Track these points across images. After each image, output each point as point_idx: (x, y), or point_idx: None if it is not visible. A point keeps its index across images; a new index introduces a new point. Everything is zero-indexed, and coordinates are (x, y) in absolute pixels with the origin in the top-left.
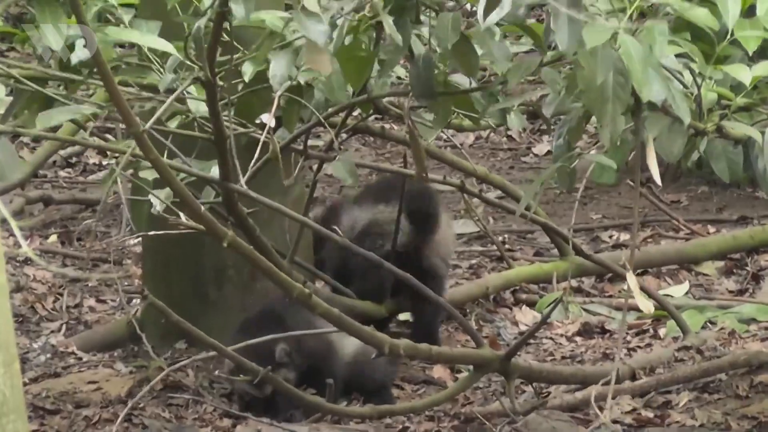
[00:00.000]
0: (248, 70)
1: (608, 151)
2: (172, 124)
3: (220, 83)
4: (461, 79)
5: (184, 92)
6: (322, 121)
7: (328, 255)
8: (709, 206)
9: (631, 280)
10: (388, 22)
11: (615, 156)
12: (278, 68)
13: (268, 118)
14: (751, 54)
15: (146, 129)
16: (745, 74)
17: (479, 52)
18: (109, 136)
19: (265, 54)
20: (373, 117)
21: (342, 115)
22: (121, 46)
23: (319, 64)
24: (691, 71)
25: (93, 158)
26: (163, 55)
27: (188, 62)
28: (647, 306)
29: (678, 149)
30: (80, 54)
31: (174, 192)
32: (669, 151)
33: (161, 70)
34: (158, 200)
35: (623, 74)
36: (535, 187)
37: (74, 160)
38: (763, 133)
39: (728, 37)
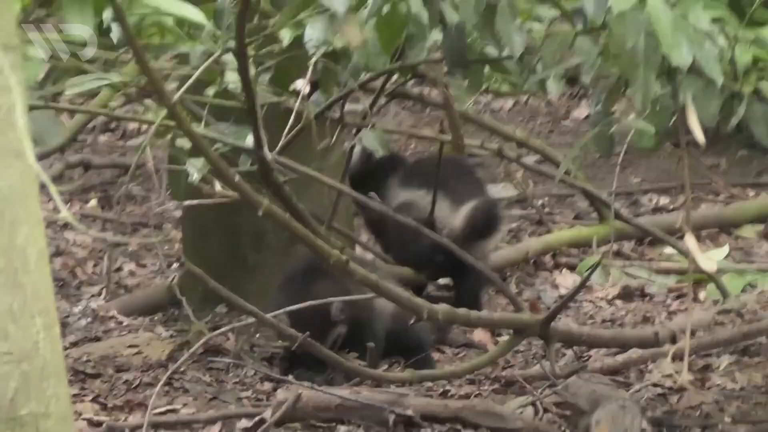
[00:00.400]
0: (286, 36)
1: (647, 115)
2: (209, 93)
3: (251, 52)
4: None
5: (219, 62)
6: (356, 88)
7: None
8: (748, 170)
9: (690, 240)
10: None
11: (654, 120)
12: (313, 33)
13: (302, 85)
14: None
15: (176, 101)
16: None
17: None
18: (148, 101)
19: (293, 16)
20: (411, 82)
21: (381, 80)
22: None
23: (349, 35)
24: (726, 34)
25: (133, 123)
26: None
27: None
28: (710, 265)
29: (713, 111)
30: (117, 32)
31: (208, 161)
32: (704, 114)
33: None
34: (195, 169)
35: (654, 37)
36: (574, 152)
37: (114, 124)
38: None
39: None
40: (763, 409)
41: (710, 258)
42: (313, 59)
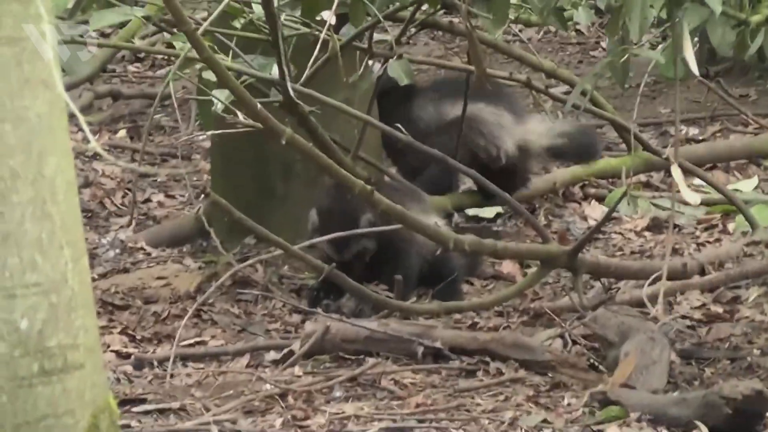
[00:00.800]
0: None
1: (668, 45)
2: (237, 25)
3: None
4: None
5: None
6: (382, 20)
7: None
8: None
9: (676, 172)
10: None
11: (671, 51)
12: None
13: (328, 15)
14: None
15: (197, 28)
16: None
17: None
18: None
19: None
20: (441, 11)
21: (410, 10)
22: None
23: None
24: None
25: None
26: None
27: None
28: (693, 198)
29: (717, 40)
30: None
31: (230, 91)
32: (713, 42)
33: None
34: (220, 100)
35: None
36: (587, 80)
37: (143, 54)
38: None
39: None
40: None
41: (695, 190)
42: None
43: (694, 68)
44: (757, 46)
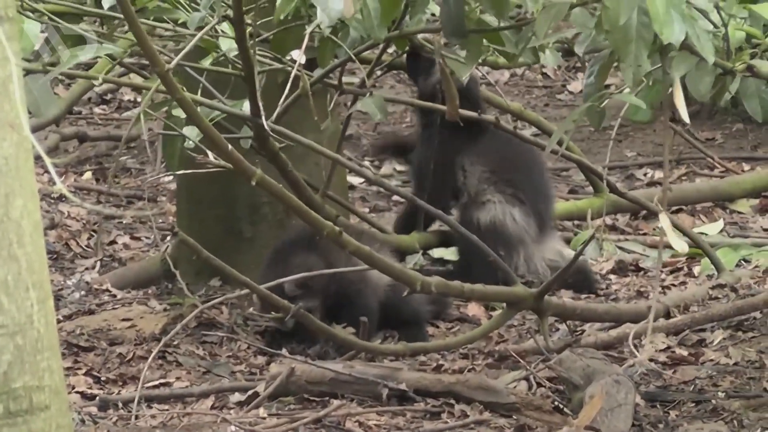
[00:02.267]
0: (283, 9)
1: (642, 90)
2: (206, 63)
3: (249, 20)
4: (493, 18)
5: (215, 30)
6: (353, 57)
7: None
8: (744, 144)
9: (664, 219)
10: None
11: (648, 95)
12: (282, 6)
13: (298, 55)
14: None
15: (170, 68)
16: None
17: None
18: (145, 72)
19: (287, 5)
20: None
21: (377, 52)
22: None
23: (344, 5)
24: (719, 11)
25: (128, 95)
26: None
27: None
28: (681, 245)
29: (705, 88)
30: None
31: (201, 131)
32: (697, 90)
33: (191, 7)
34: (190, 138)
35: (647, 14)
36: (566, 125)
37: (109, 96)
38: None
39: None
40: (756, 384)
41: (681, 238)
42: (308, 30)
43: (685, 115)
44: (732, 93)
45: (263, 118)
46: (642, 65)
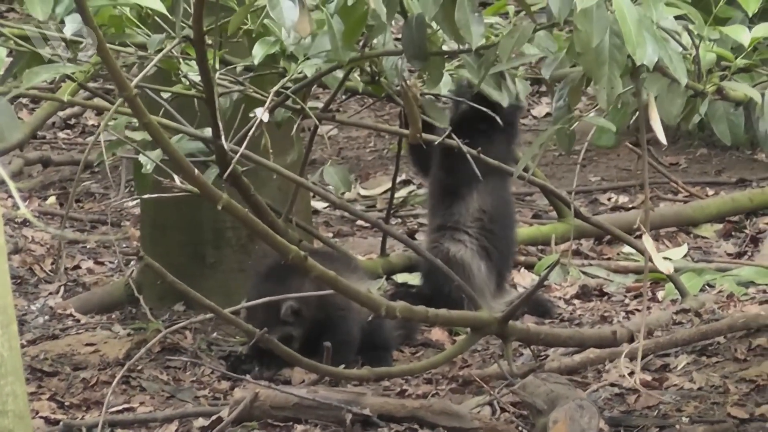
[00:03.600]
0: (258, 53)
1: (608, 113)
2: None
3: (209, 42)
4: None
5: (177, 52)
6: (297, 88)
7: None
8: (708, 168)
9: (647, 241)
10: None
11: (615, 118)
12: (259, 50)
13: (261, 113)
14: (751, 15)
15: (137, 92)
16: (744, 35)
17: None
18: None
19: (243, 17)
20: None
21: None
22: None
23: (299, 26)
24: (690, 33)
25: (92, 119)
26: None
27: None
28: (666, 266)
29: (677, 110)
30: (73, 25)
31: (167, 154)
32: (668, 112)
33: (152, 29)
34: (149, 160)
35: (619, 36)
36: (533, 149)
37: (73, 121)
38: (763, 94)
39: None
40: (720, 409)
41: (667, 259)
42: (273, 90)
43: (662, 136)
44: (702, 115)
45: (220, 140)
46: (615, 87)
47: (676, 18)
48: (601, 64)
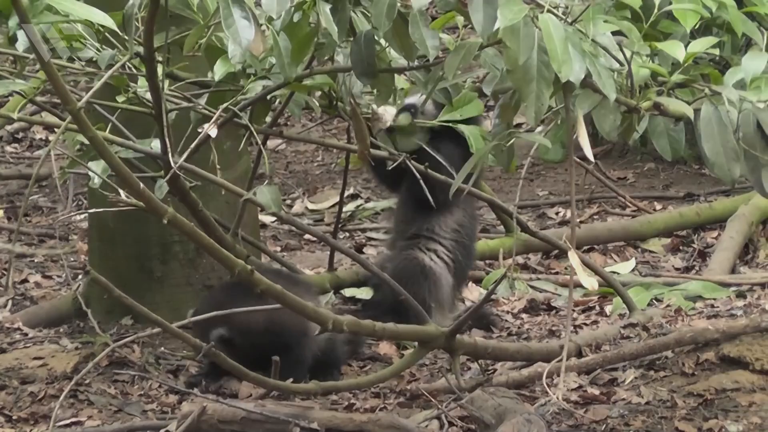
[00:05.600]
0: (219, 71)
1: (551, 129)
2: (119, 101)
3: (159, 58)
4: (404, 59)
5: (126, 67)
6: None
7: None
8: (655, 183)
9: (573, 257)
10: (324, 11)
11: (557, 134)
12: (219, 68)
13: (209, 128)
14: (689, 30)
15: (81, 106)
16: (679, 51)
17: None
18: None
19: (199, 35)
20: (318, 94)
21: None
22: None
23: (253, 45)
24: (622, 48)
25: (40, 134)
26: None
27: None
28: (591, 283)
29: (610, 126)
30: (24, 40)
31: (113, 169)
32: (601, 128)
33: (102, 44)
34: (96, 175)
35: (547, 53)
36: (471, 163)
37: (21, 135)
38: (697, 111)
39: (656, 12)
40: (668, 424)
41: (592, 276)
42: (221, 108)
43: (589, 153)
44: (642, 131)
45: (170, 156)
46: (543, 104)
47: (615, 34)
48: (528, 81)
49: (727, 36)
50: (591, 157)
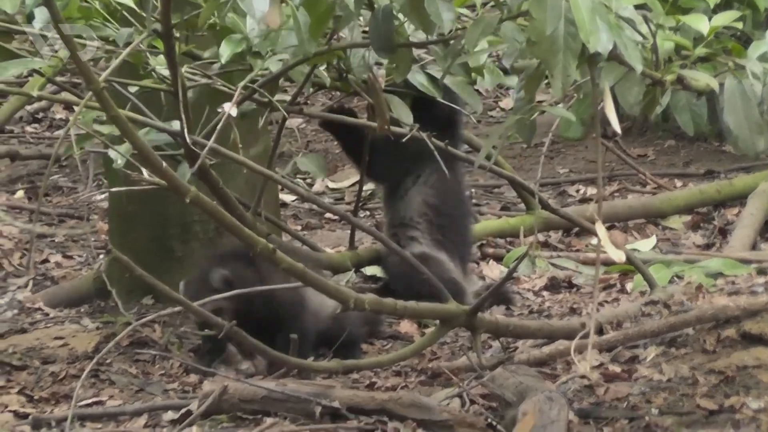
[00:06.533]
0: (225, 52)
1: (573, 104)
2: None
3: (177, 34)
4: (422, 34)
5: (141, 45)
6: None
7: None
8: (676, 160)
9: (601, 231)
10: None
11: (579, 109)
12: (226, 50)
13: (229, 107)
14: (713, 6)
15: (104, 85)
16: (703, 24)
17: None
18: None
19: (212, 11)
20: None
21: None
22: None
23: (269, 17)
24: (647, 21)
25: (59, 114)
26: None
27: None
28: (619, 256)
29: (634, 98)
30: (41, 18)
31: (135, 148)
32: (625, 101)
33: (122, 22)
34: (119, 155)
35: (574, 24)
36: (493, 139)
37: (41, 115)
38: (722, 84)
39: None
40: (689, 401)
41: (619, 249)
42: (240, 85)
43: (616, 125)
44: (665, 105)
45: (185, 134)
46: (570, 75)
47: (637, 7)
48: (555, 53)
49: (749, 11)
50: (618, 129)
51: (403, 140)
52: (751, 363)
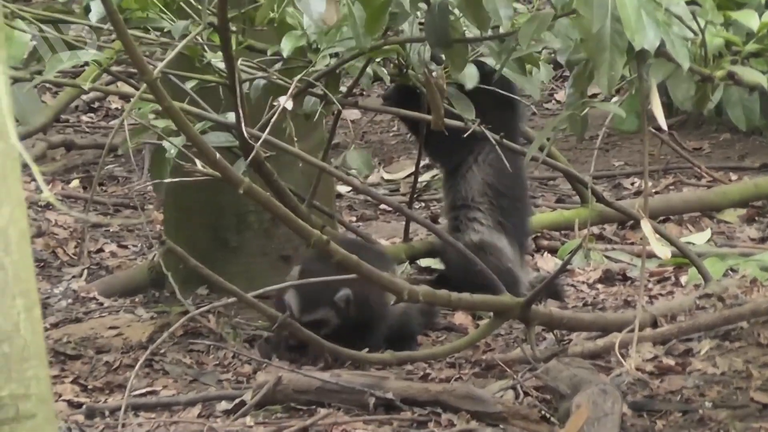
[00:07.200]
0: (286, 47)
1: (626, 98)
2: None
3: (233, 28)
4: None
5: (198, 39)
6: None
7: None
8: (731, 153)
9: (646, 226)
10: None
11: (633, 104)
12: (287, 44)
13: (285, 100)
14: (764, 1)
15: (157, 76)
16: (753, 20)
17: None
18: (132, 81)
19: (271, 7)
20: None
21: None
22: None
23: (326, 15)
24: (695, 17)
25: (115, 103)
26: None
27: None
28: (664, 252)
29: (683, 95)
30: (97, 11)
31: (189, 139)
32: (676, 97)
33: (178, 15)
34: (173, 146)
35: (621, 22)
36: (546, 132)
37: (97, 104)
38: None
39: None
40: (743, 394)
41: (664, 246)
42: (295, 80)
43: (662, 122)
44: (716, 101)
45: (242, 126)
46: (617, 73)
47: (688, 4)
48: (601, 50)
49: None
50: (664, 126)
51: (465, 135)
52: None
